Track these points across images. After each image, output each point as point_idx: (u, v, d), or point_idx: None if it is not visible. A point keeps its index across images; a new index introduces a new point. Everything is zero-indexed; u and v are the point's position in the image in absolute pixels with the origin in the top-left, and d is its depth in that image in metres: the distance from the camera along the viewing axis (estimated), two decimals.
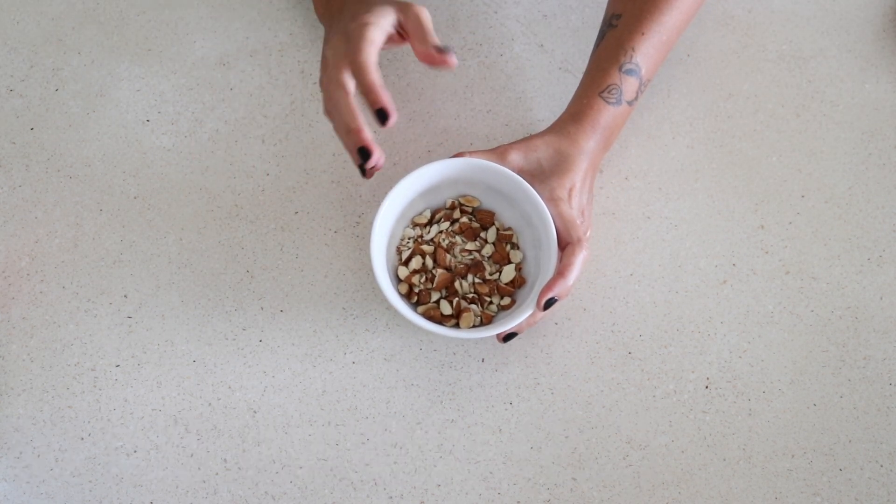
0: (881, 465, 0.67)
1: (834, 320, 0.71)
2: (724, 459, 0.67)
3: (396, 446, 0.67)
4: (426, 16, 0.64)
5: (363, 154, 0.61)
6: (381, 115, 0.60)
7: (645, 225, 0.74)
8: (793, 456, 0.67)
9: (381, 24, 0.63)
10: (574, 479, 0.66)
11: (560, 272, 0.62)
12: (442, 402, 0.68)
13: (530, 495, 0.66)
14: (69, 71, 0.79)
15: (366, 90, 0.60)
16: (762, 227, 0.74)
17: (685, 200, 0.75)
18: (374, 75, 0.60)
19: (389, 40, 0.65)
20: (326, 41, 0.66)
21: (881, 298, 0.71)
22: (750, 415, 0.68)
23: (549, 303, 0.62)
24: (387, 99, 0.60)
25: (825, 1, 0.83)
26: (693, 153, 0.77)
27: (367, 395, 0.68)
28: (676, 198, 0.75)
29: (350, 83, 0.61)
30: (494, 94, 0.79)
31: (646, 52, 0.69)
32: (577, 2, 0.83)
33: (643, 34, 0.69)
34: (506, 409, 0.68)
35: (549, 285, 0.62)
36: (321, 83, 0.65)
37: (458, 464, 0.66)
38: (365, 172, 0.62)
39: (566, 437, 0.67)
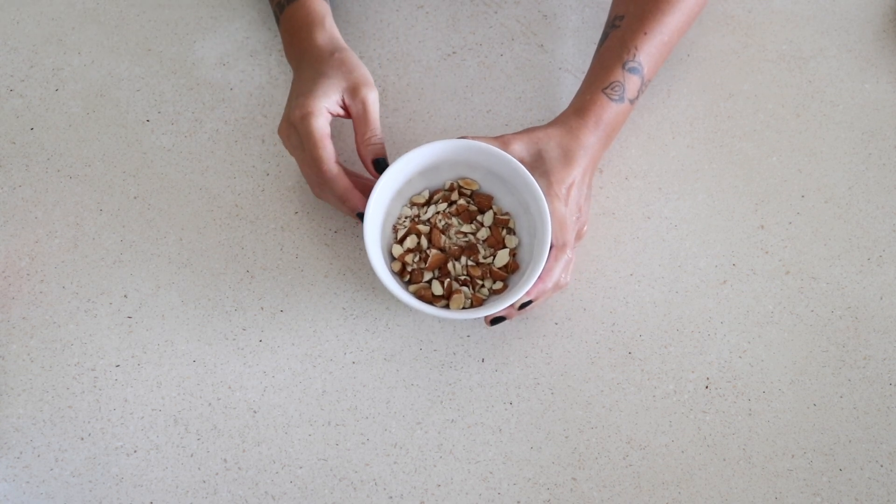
0: (881, 465, 0.67)
1: (834, 320, 0.71)
2: (724, 459, 0.67)
3: (396, 446, 0.67)
4: (373, 105, 0.67)
5: (361, 216, 0.66)
6: (362, 216, 0.65)
7: (645, 225, 0.74)
8: (793, 456, 0.67)
9: (324, 109, 0.66)
10: (574, 479, 0.66)
11: (539, 276, 0.64)
12: (442, 402, 0.68)
13: (530, 495, 0.66)
14: (69, 71, 0.79)
15: (341, 198, 0.66)
16: (762, 227, 0.74)
17: (685, 200, 0.75)
18: (344, 182, 0.66)
19: (337, 116, 0.69)
20: (291, 96, 0.69)
21: (881, 298, 0.71)
22: (750, 415, 0.68)
23: (525, 305, 0.65)
24: (361, 200, 0.66)
25: (825, 1, 0.83)
26: (693, 153, 0.77)
27: (367, 395, 0.68)
28: (676, 198, 0.75)
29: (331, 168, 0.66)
30: (494, 94, 0.79)
31: (648, 52, 0.70)
32: (577, 2, 0.83)
33: (646, 34, 0.70)
34: (506, 409, 0.68)
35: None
36: (293, 149, 0.69)
37: (458, 464, 0.66)
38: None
39: (566, 437, 0.67)
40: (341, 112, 0.69)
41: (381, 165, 0.67)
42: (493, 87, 0.79)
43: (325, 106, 0.67)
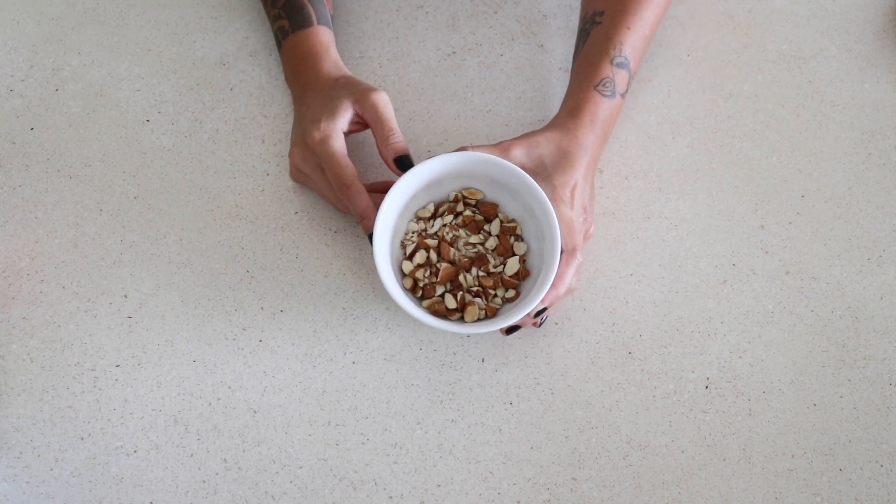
0: (881, 465, 0.67)
1: (834, 320, 0.71)
2: (724, 459, 0.67)
3: (396, 446, 0.67)
4: (384, 107, 0.68)
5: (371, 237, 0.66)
6: (372, 238, 0.65)
7: (645, 225, 0.74)
8: (793, 456, 0.67)
9: (339, 130, 0.68)
10: (574, 479, 0.66)
11: (552, 283, 0.64)
12: (442, 402, 0.68)
13: (530, 495, 0.66)
14: (69, 71, 0.79)
15: (360, 215, 0.67)
16: (762, 227, 0.74)
17: (685, 200, 0.75)
18: (366, 200, 0.66)
19: (351, 132, 0.70)
20: (303, 121, 0.70)
21: (881, 298, 0.71)
22: (750, 415, 0.68)
23: (540, 312, 0.65)
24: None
25: (825, 1, 0.83)
26: (693, 153, 0.77)
27: (367, 395, 0.68)
28: (676, 198, 0.75)
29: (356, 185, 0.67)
30: (494, 94, 0.79)
31: (633, 46, 0.71)
32: (577, 2, 0.83)
33: (629, 28, 0.71)
34: (506, 409, 0.68)
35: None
36: (299, 170, 0.70)
37: (458, 464, 0.66)
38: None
39: (566, 437, 0.67)
40: (356, 127, 0.70)
41: (403, 163, 0.68)
42: (493, 87, 0.79)
43: (340, 127, 0.68)
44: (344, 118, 0.68)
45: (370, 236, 0.65)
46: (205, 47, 0.80)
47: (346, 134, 0.69)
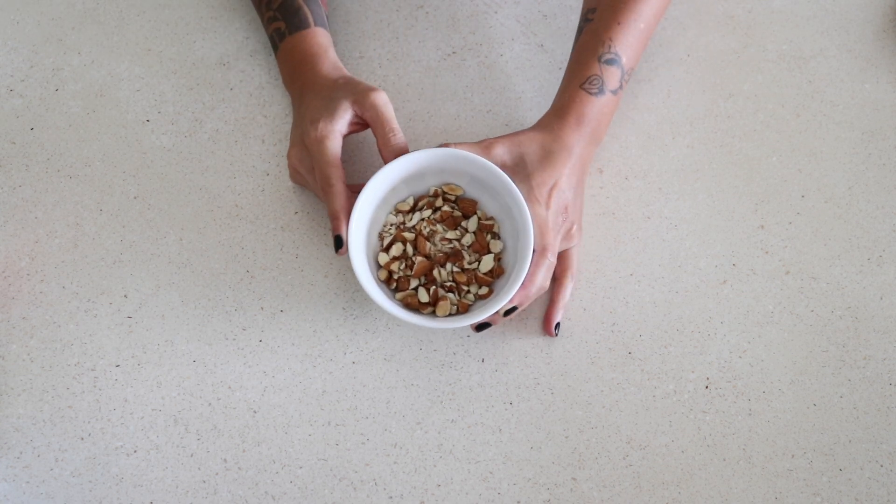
0: (881, 465, 0.67)
1: (834, 320, 0.71)
2: (724, 459, 0.67)
3: (396, 446, 0.67)
4: (383, 106, 0.68)
5: (337, 241, 0.66)
6: (338, 242, 0.65)
7: (645, 225, 0.74)
8: (793, 456, 0.67)
9: (337, 132, 0.68)
10: (574, 479, 0.66)
11: (522, 282, 0.64)
12: (442, 402, 0.68)
13: (530, 495, 0.66)
14: (69, 71, 0.79)
15: (331, 215, 0.66)
16: (762, 227, 0.74)
17: (685, 200, 0.75)
18: (341, 202, 0.66)
19: (351, 132, 0.70)
20: (302, 122, 0.70)
21: (881, 298, 0.71)
22: (750, 415, 0.68)
23: (509, 311, 0.65)
24: (344, 228, 0.65)
25: (825, 1, 0.83)
26: (693, 153, 0.77)
27: (367, 395, 0.68)
28: (676, 198, 0.75)
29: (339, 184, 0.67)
30: (494, 94, 0.79)
31: (625, 41, 0.70)
32: (577, 2, 0.83)
33: (619, 24, 0.70)
34: (506, 409, 0.68)
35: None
36: (295, 169, 0.71)
37: (458, 464, 0.66)
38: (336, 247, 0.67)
39: (566, 437, 0.67)
40: (355, 127, 0.70)
41: None
42: (493, 87, 0.79)
43: (338, 129, 0.68)
44: (343, 119, 0.68)
45: (336, 239, 0.65)
46: (205, 47, 0.80)
47: (346, 135, 0.69)
